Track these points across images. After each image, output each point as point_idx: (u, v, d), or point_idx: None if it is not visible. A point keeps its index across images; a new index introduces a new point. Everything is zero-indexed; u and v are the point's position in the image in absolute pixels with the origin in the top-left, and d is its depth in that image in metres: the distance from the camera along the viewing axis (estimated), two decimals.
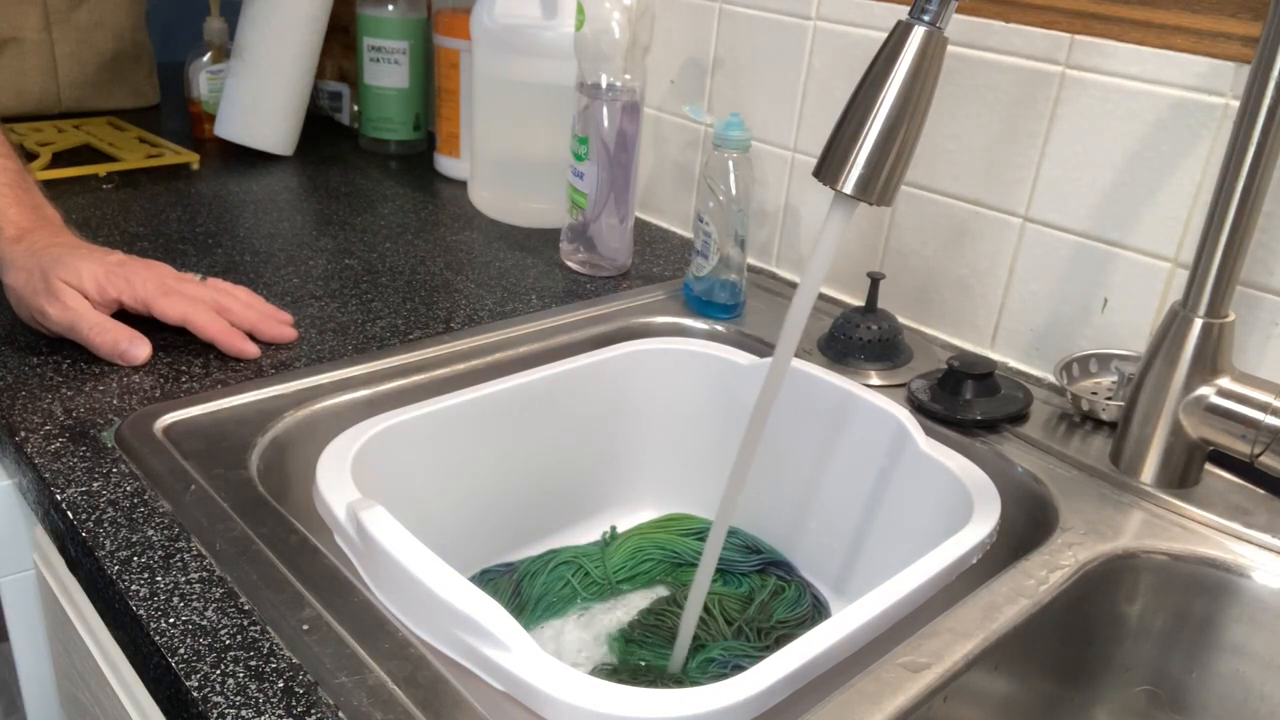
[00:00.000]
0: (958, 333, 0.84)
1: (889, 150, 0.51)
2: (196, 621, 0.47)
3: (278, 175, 1.14)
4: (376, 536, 0.51)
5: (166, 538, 0.52)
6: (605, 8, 0.84)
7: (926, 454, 0.66)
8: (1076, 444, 0.68)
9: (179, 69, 1.26)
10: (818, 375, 0.74)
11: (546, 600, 0.71)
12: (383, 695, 0.44)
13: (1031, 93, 0.75)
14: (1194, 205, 0.69)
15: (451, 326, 0.79)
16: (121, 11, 1.29)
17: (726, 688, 0.44)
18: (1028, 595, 0.54)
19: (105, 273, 0.69)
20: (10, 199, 0.72)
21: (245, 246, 0.91)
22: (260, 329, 0.73)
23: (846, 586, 0.74)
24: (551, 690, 0.44)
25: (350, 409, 0.67)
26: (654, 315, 0.84)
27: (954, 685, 0.48)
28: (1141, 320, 0.73)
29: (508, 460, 0.73)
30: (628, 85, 0.86)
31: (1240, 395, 0.61)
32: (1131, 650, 0.61)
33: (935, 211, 0.83)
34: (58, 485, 0.56)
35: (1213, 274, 0.60)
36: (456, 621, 0.47)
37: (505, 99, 1.00)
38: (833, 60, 0.87)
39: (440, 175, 1.19)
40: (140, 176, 1.08)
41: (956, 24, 0.76)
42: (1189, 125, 0.68)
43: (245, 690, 0.43)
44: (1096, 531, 0.60)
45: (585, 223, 0.90)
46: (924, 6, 0.51)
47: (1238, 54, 0.65)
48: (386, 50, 1.21)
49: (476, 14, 1.00)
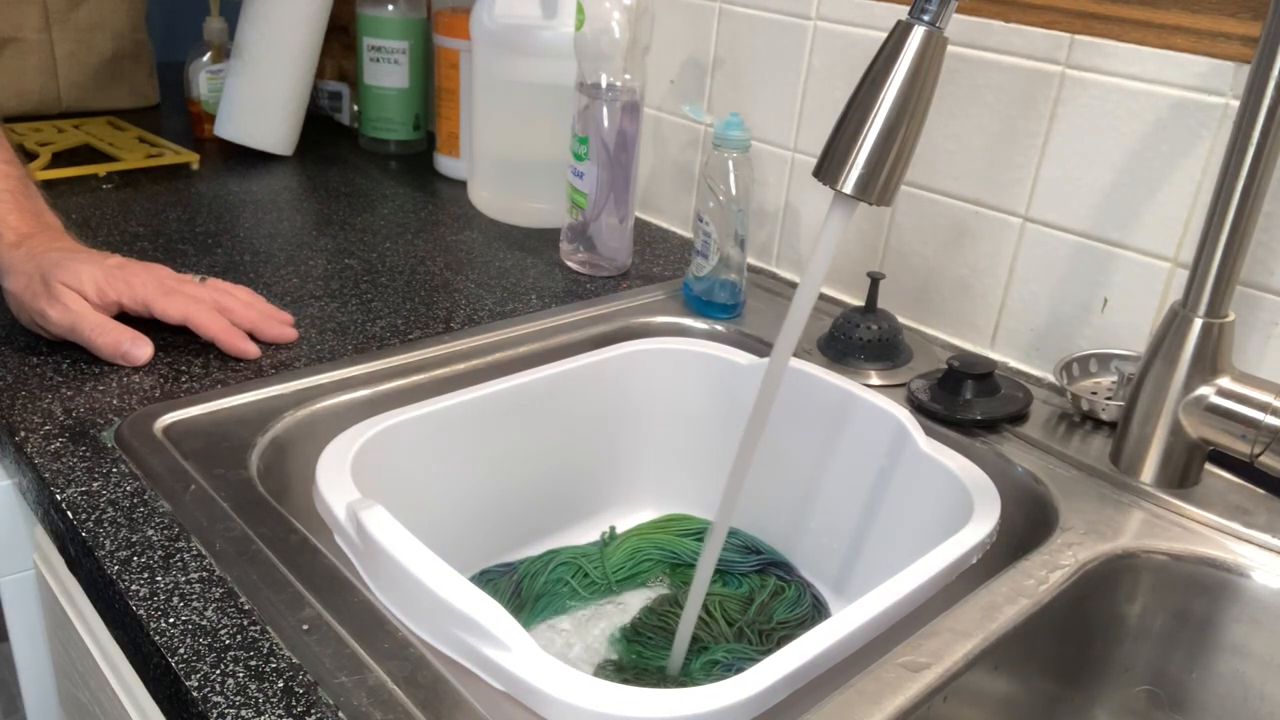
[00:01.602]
0: (958, 333, 0.84)
1: (889, 150, 0.51)
2: (196, 621, 0.47)
3: (278, 175, 1.14)
4: (376, 536, 0.51)
5: (166, 538, 0.52)
6: (605, 8, 0.84)
7: (926, 454, 0.66)
8: (1076, 444, 0.68)
9: (179, 69, 1.26)
10: (817, 375, 0.74)
11: (546, 600, 0.71)
12: (383, 695, 0.44)
13: (1031, 93, 0.75)
14: (1194, 205, 0.69)
15: (451, 326, 0.79)
16: (121, 11, 1.29)
17: (726, 688, 0.44)
18: (1028, 595, 0.54)
19: (105, 275, 0.69)
20: (11, 205, 0.72)
21: (245, 246, 0.91)
22: (261, 329, 0.73)
23: (846, 586, 0.74)
24: (551, 690, 0.44)
25: (350, 409, 0.67)
26: (654, 315, 0.84)
27: (954, 685, 0.48)
28: (1141, 320, 0.73)
29: (507, 460, 0.73)
30: (628, 85, 0.86)
31: (1240, 395, 0.61)
32: (1131, 650, 0.61)
33: (935, 211, 0.83)
34: (58, 485, 0.56)
35: (1213, 274, 0.60)
36: (456, 621, 0.47)
37: (505, 99, 1.00)
38: (833, 60, 0.87)
39: (440, 175, 1.19)
40: (140, 176, 1.08)
41: (956, 24, 0.76)
42: (1189, 125, 0.68)
43: (245, 690, 0.43)
44: (1096, 531, 0.60)
45: (585, 223, 0.90)
46: (924, 6, 0.51)
47: (1238, 54, 0.65)
48: (386, 50, 1.21)
49: (476, 14, 1.00)
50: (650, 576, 0.75)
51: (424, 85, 1.25)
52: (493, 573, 0.73)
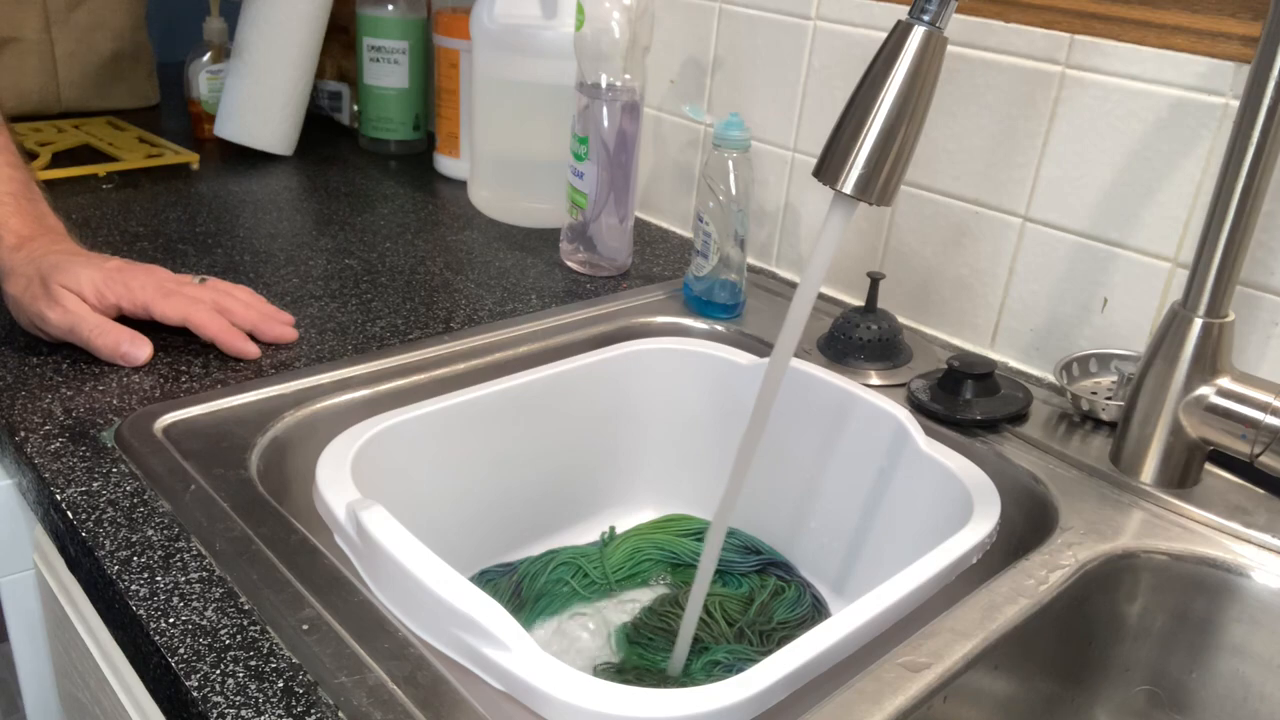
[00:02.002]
0: (958, 333, 0.84)
1: (889, 150, 0.51)
2: (196, 621, 0.47)
3: (278, 175, 1.14)
4: (376, 536, 0.51)
5: (166, 538, 0.52)
6: (605, 8, 0.84)
7: (926, 454, 0.66)
8: (1076, 444, 0.68)
9: (179, 69, 1.26)
10: (817, 375, 0.74)
11: (546, 600, 0.71)
12: (382, 695, 0.44)
13: (1031, 93, 0.75)
14: (1194, 205, 0.69)
15: (451, 326, 0.79)
16: (121, 11, 1.29)
17: (726, 688, 0.44)
18: (1027, 595, 0.54)
19: (104, 278, 0.69)
20: (13, 208, 0.72)
21: (245, 246, 0.91)
22: (260, 329, 0.73)
23: (846, 586, 0.74)
24: (551, 690, 0.44)
25: (350, 409, 0.67)
26: (654, 315, 0.84)
27: (954, 685, 0.48)
28: (1141, 320, 0.73)
29: (507, 460, 0.73)
30: (627, 85, 0.86)
31: (1240, 395, 0.61)
32: (1131, 650, 0.61)
33: (935, 211, 0.83)
34: (58, 485, 0.56)
35: (1212, 274, 0.60)
36: (456, 621, 0.47)
37: (505, 99, 1.00)
38: (833, 60, 0.87)
39: (440, 175, 1.19)
40: (140, 176, 1.08)
41: (956, 24, 0.76)
42: (1189, 125, 0.68)
43: (245, 690, 0.43)
44: (1096, 531, 0.60)
45: (585, 222, 0.90)
46: (924, 6, 0.51)
47: (1237, 54, 0.65)
48: (386, 50, 1.21)
49: (476, 14, 1.00)
50: (650, 576, 0.75)
51: (424, 85, 1.25)
52: (493, 573, 0.73)
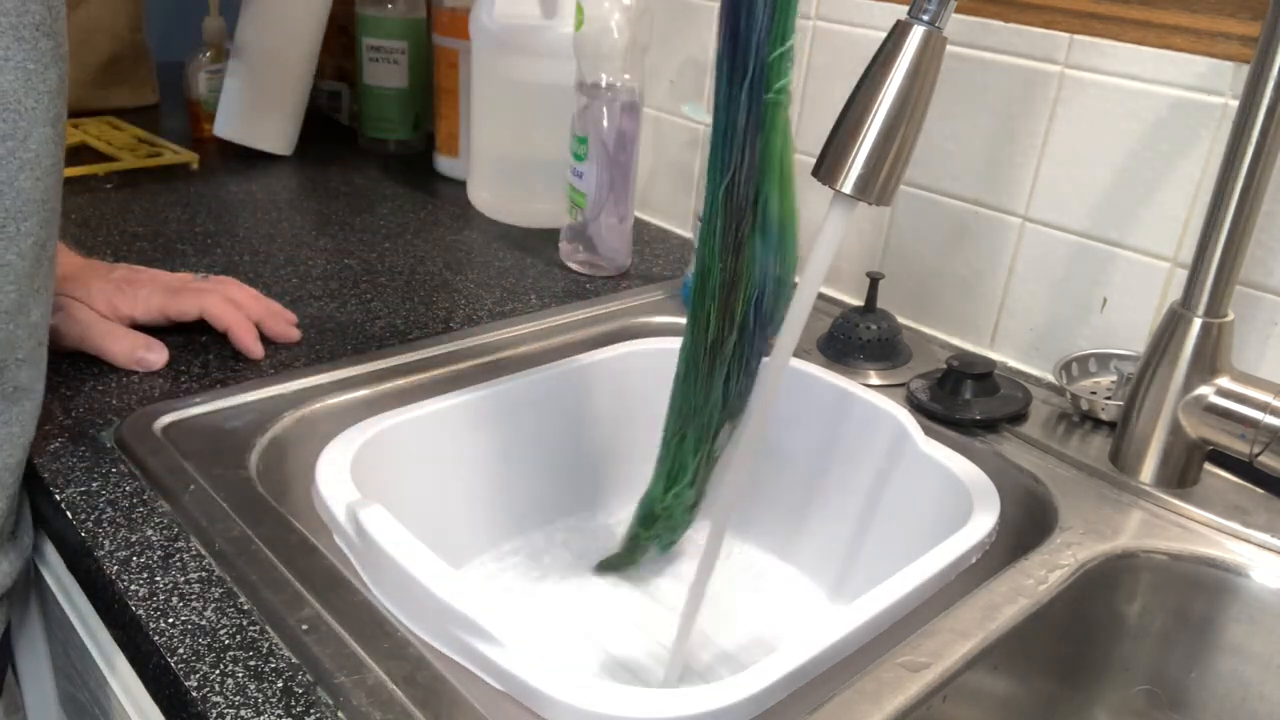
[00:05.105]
0: (957, 332, 0.84)
1: (888, 150, 0.51)
2: (195, 621, 0.47)
3: (277, 175, 1.14)
4: (375, 536, 0.51)
5: (166, 538, 0.52)
6: (605, 8, 0.84)
7: (926, 454, 0.66)
8: (1076, 444, 0.68)
9: (179, 68, 1.26)
10: (817, 375, 0.74)
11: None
12: (382, 695, 0.44)
13: (1031, 93, 0.75)
14: (1193, 205, 0.69)
15: (451, 326, 0.79)
16: (120, 11, 1.29)
17: (726, 688, 0.44)
18: (1027, 595, 0.54)
19: (114, 289, 0.69)
20: None
21: (245, 246, 0.91)
22: (267, 324, 0.73)
23: (846, 586, 0.74)
24: (550, 690, 0.44)
25: (350, 409, 0.67)
26: (654, 315, 0.84)
27: (953, 685, 0.48)
28: (1141, 320, 0.73)
29: (507, 460, 0.73)
30: (627, 85, 0.86)
31: (1239, 395, 0.61)
32: (1131, 650, 0.61)
33: (935, 211, 0.83)
34: (57, 485, 0.56)
35: (1212, 274, 0.60)
36: (455, 621, 0.47)
37: (504, 99, 1.00)
38: (832, 60, 0.87)
39: (439, 175, 1.19)
40: (140, 176, 1.08)
41: (956, 24, 0.76)
42: (1188, 125, 0.68)
43: (244, 690, 0.43)
44: (1096, 531, 0.60)
45: (585, 222, 0.90)
46: (923, 6, 0.51)
47: (1237, 54, 0.65)
48: (385, 50, 1.21)
49: (476, 14, 0.99)
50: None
51: (423, 85, 1.25)
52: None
